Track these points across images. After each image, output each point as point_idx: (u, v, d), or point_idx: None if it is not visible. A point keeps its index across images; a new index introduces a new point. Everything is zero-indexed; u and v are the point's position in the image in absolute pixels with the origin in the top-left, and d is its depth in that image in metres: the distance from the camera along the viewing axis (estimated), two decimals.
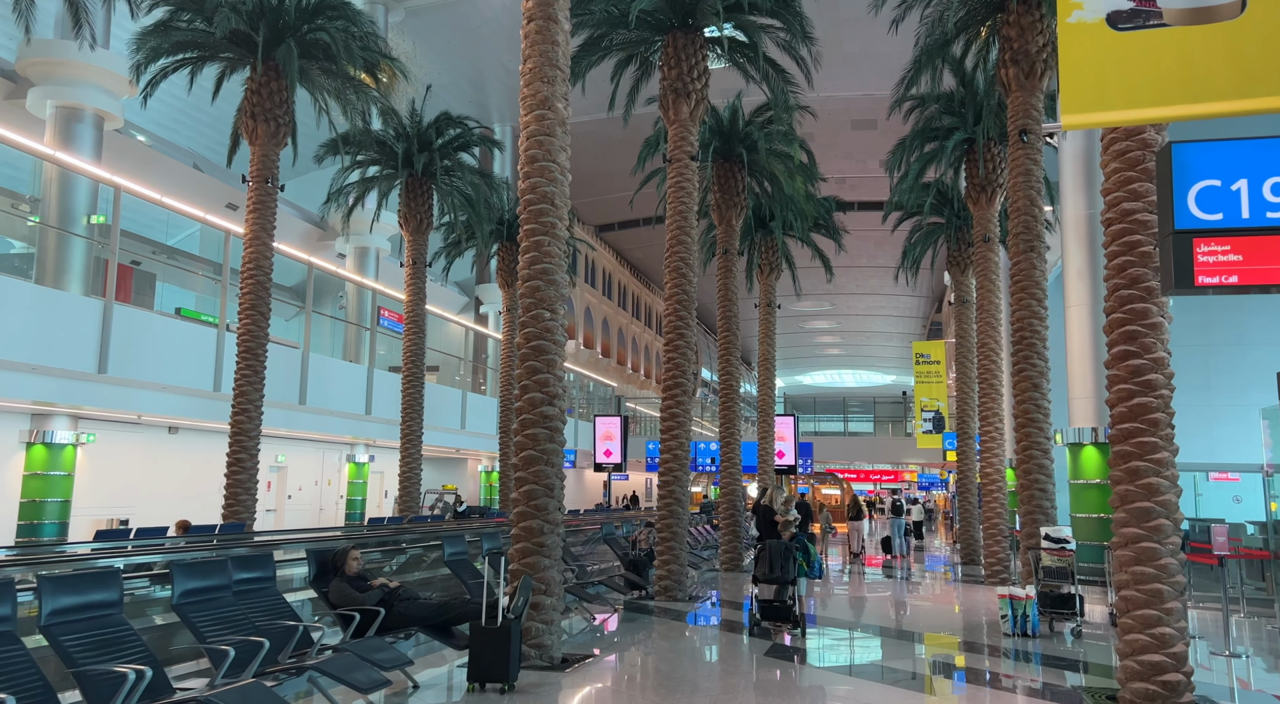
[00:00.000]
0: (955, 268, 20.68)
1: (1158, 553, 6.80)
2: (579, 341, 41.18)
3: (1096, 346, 13.96)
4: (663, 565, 12.57)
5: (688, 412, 13.13)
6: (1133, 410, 7.01)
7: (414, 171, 18.16)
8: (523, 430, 8.19)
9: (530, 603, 7.81)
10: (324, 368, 19.89)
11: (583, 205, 40.23)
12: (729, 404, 17.86)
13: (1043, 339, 11.68)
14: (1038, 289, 11.76)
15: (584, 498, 38.61)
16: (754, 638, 9.48)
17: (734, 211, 17.75)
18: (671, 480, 12.87)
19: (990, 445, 16.17)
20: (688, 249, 13.11)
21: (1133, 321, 7.09)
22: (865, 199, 39.45)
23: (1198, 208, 4.98)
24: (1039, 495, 11.42)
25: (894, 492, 32.83)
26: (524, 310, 8.36)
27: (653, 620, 10.73)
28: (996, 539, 15.69)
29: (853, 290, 53.08)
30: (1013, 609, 9.84)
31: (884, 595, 14.38)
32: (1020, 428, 11.67)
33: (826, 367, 74.98)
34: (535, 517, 7.99)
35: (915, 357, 31.03)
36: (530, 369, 8.24)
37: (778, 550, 9.77)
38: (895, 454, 39.60)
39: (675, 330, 13.17)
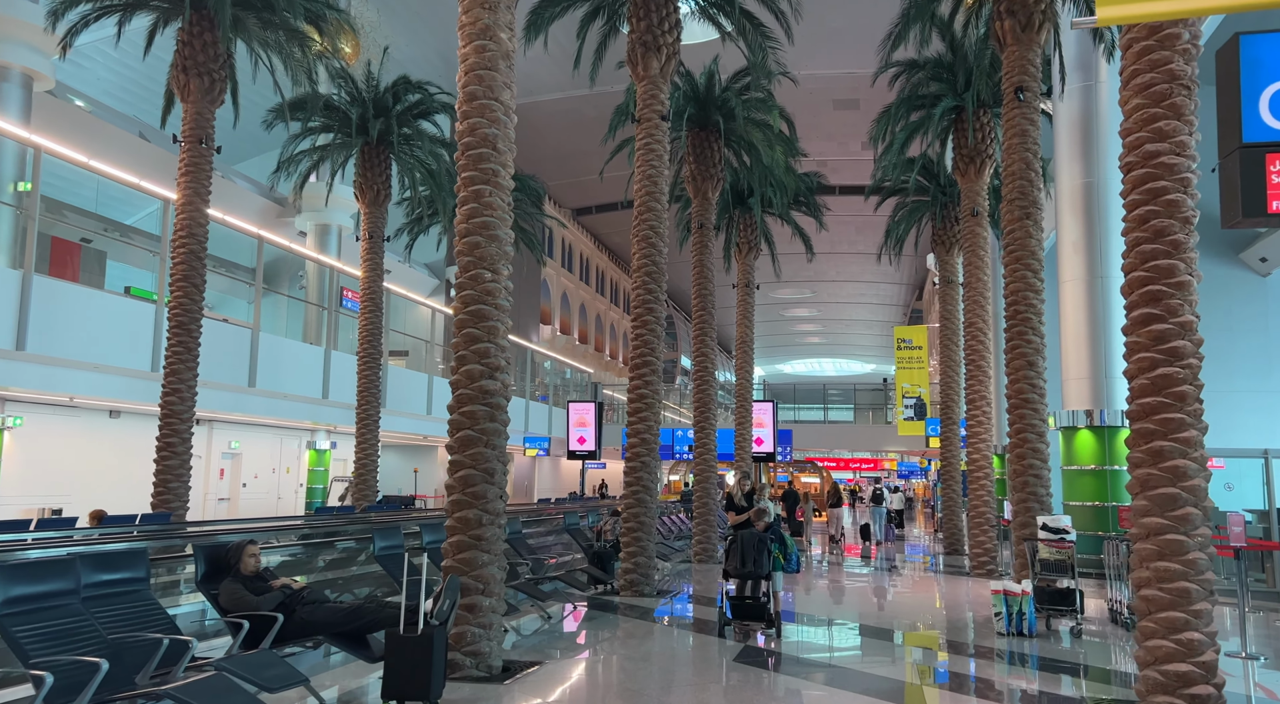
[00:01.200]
0: (940, 247, 19.76)
1: (1184, 546, 5.85)
2: (555, 327, 40.08)
3: (1093, 324, 13.09)
4: (628, 558, 11.57)
5: (657, 393, 12.12)
6: (1156, 383, 6.05)
7: (369, 139, 16.96)
8: (459, 407, 7.14)
9: (465, 604, 6.78)
10: (276, 349, 18.70)
11: (558, 187, 39.04)
12: (704, 387, 16.86)
13: (1038, 313, 10.75)
14: (1033, 259, 10.82)
15: (560, 487, 37.61)
16: (724, 640, 8.50)
17: (710, 184, 16.70)
18: (639, 467, 11.86)
19: (977, 431, 15.28)
20: (657, 216, 12.06)
21: (1156, 280, 6.12)
22: (847, 182, 38.53)
23: (1272, 115, 3.99)
24: (1033, 482, 10.50)
25: (875, 480, 32.10)
26: (462, 270, 7.29)
27: (614, 619, 9.73)
28: (983, 529, 14.81)
29: (833, 277, 52.31)
30: (1007, 606, 8.91)
31: (866, 590, 13.47)
32: (1013, 409, 10.73)
33: (807, 355, 74.39)
34: (473, 506, 6.95)
35: (897, 342, 30.16)
36: (468, 337, 7.18)
37: (750, 542, 8.78)
38: (876, 442, 38.84)
39: (644, 305, 12.14)
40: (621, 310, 49.95)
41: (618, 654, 7.98)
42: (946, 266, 19.69)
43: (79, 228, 19.02)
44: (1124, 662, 8.08)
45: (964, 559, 17.77)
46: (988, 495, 14.97)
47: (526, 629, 9.11)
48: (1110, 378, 12.88)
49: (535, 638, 8.59)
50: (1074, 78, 13.35)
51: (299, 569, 8.54)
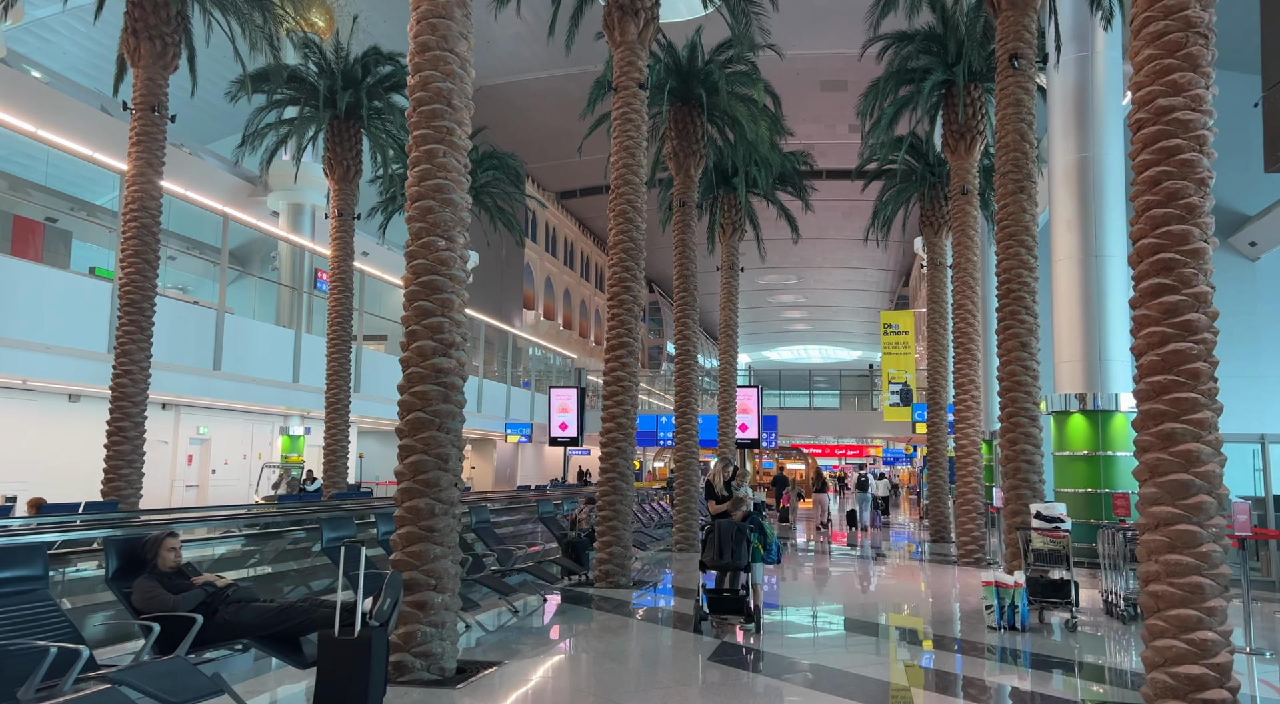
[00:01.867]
0: (929, 228, 19.22)
1: (1197, 538, 5.33)
2: (539, 312, 39.41)
3: (1086, 305, 12.58)
4: (603, 548, 11.01)
5: (634, 376, 11.54)
6: (1167, 359, 5.51)
7: (338, 113, 16.23)
8: (409, 387, 6.53)
9: (416, 601, 6.20)
10: (244, 331, 18.00)
11: (541, 170, 38.28)
12: (685, 371, 16.30)
13: (1032, 292, 10.22)
14: (1027, 235, 10.28)
15: (544, 474, 37.05)
16: (701, 635, 7.96)
17: (692, 161, 16.08)
18: (615, 452, 11.28)
19: (965, 416, 14.80)
20: (634, 190, 11.44)
21: (1169, 248, 5.57)
22: (834, 167, 37.95)
23: None
24: (1026, 468, 10.00)
25: (860, 467, 31.79)
26: (413, 237, 6.67)
27: (586, 613, 9.17)
28: (971, 516, 14.36)
29: (820, 263, 51.80)
30: (999, 599, 8.41)
31: (851, 580, 12.98)
32: (1005, 392, 10.21)
33: (793, 342, 73.97)
34: (424, 494, 6.35)
35: (883, 327, 29.67)
36: (420, 311, 6.56)
37: (728, 532, 8.23)
38: (861, 428, 38.44)
39: (620, 283, 11.54)
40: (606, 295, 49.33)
41: (585, 652, 7.43)
42: (935, 249, 19.16)
43: (43, 206, 18.24)
44: (1122, 658, 7.59)
45: (950, 547, 17.34)
46: (976, 482, 14.51)
47: (491, 624, 8.54)
48: (1104, 360, 12.39)
49: (500, 634, 8.03)
50: (1069, 48, 12.79)
51: (241, 564, 7.94)
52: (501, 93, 31.83)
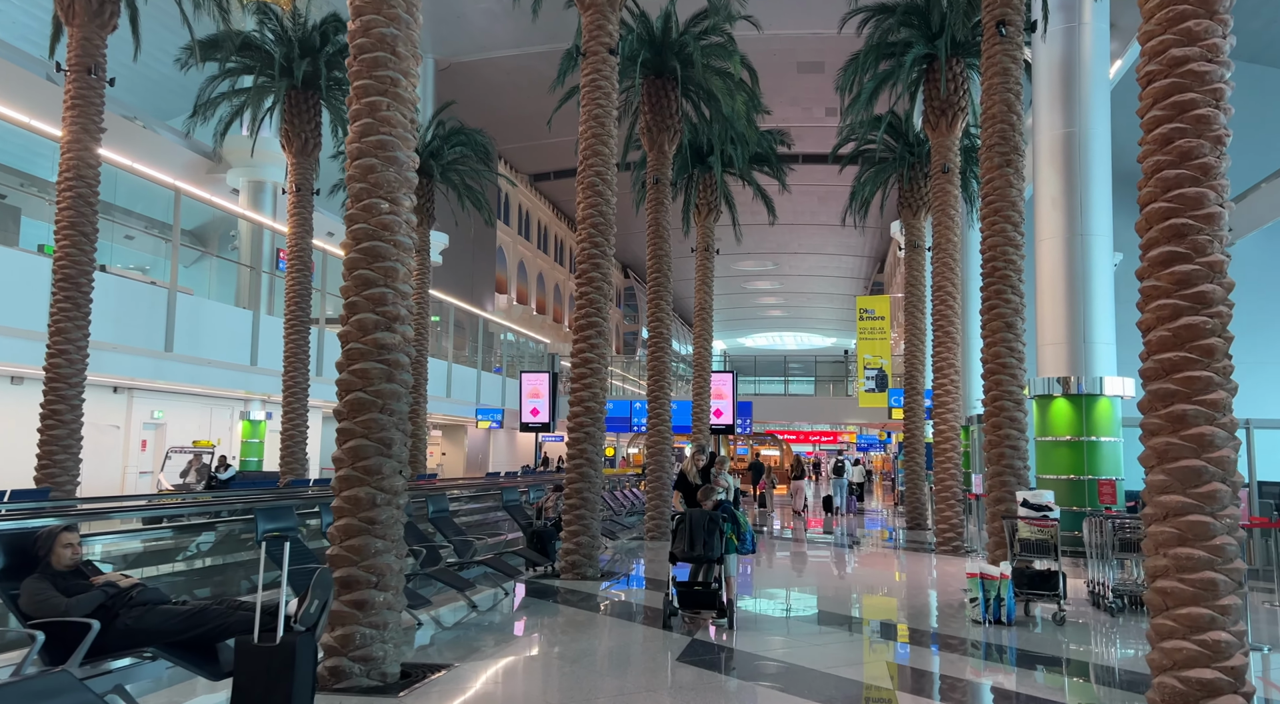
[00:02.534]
0: (907, 210, 18.75)
1: (1209, 529, 4.85)
2: (511, 297, 38.66)
3: (1071, 285, 12.14)
4: (570, 537, 10.45)
5: (604, 357, 10.95)
6: (1178, 335, 5.01)
7: (295, 83, 15.41)
8: (349, 365, 5.90)
9: (354, 600, 5.60)
10: (199, 312, 17.18)
11: (515, 151, 37.44)
12: (659, 354, 15.74)
13: (1018, 270, 9.75)
14: (1013, 211, 9.79)
15: (516, 460, 36.41)
16: (670, 632, 7.43)
17: (667, 136, 15.46)
18: (583, 437, 10.70)
19: (944, 400, 14.37)
20: (604, 162, 10.82)
21: (1181, 212, 5.06)
22: (811, 151, 37.43)
23: None
24: (1010, 454, 9.55)
25: (837, 453, 31.61)
26: (354, 199, 6.02)
27: (550, 607, 8.61)
28: (949, 503, 13.95)
29: (795, 249, 51.44)
30: (984, 591, 7.95)
31: (828, 570, 12.52)
32: (989, 375, 9.75)
33: (768, 328, 73.76)
34: (364, 483, 5.74)
35: (859, 312, 29.27)
36: (361, 281, 5.93)
37: (699, 522, 7.69)
38: (836, 414, 38.16)
39: (589, 260, 10.93)
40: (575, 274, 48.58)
41: (545, 652, 6.86)
42: (913, 231, 18.70)
43: None
44: (1115, 655, 7.15)
45: (927, 534, 16.96)
46: (954, 468, 14.10)
47: (451, 619, 7.96)
48: (1089, 343, 11.96)
49: (456, 631, 7.45)
50: (1056, 19, 12.30)
51: (167, 559, 7.27)
52: (473, 70, 30.93)
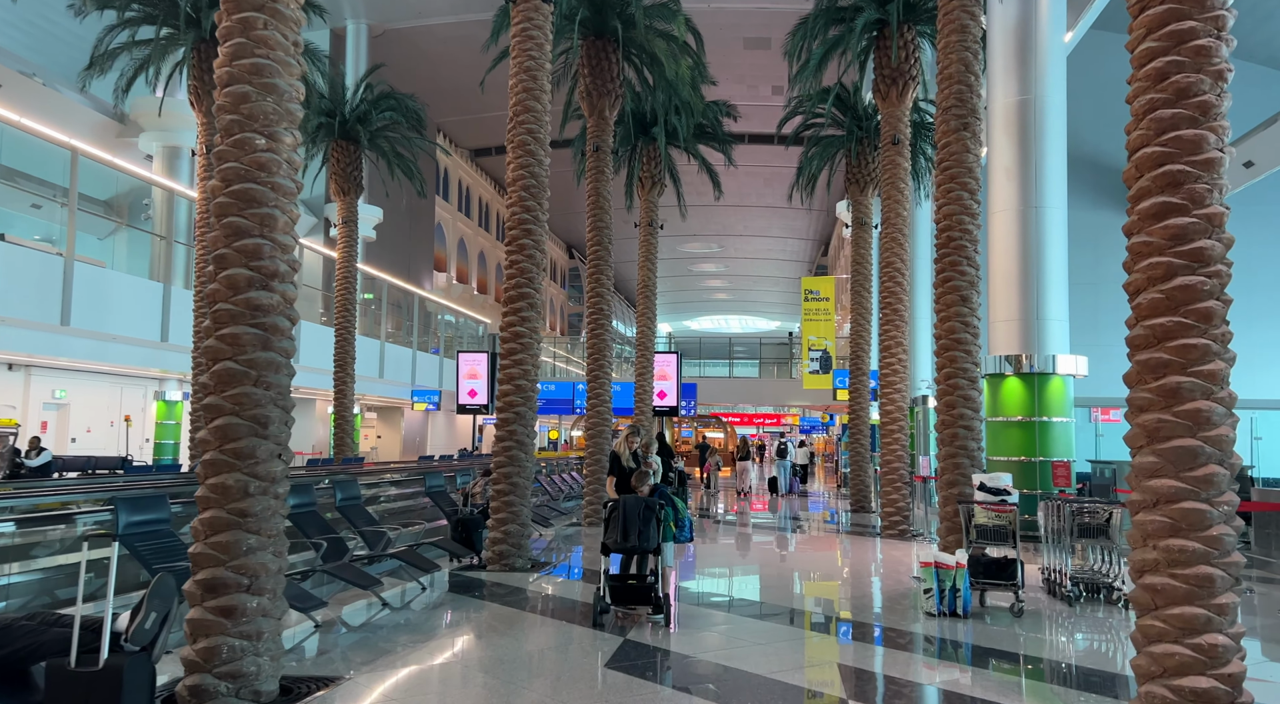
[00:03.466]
0: (854, 186, 18.19)
1: (1206, 518, 4.24)
2: (451, 275, 37.38)
3: (1024, 260, 11.65)
4: (498, 526, 9.62)
5: (536, 332, 10.09)
6: (1172, 297, 4.37)
7: (203, 34, 14.11)
8: (217, 329, 4.97)
9: (223, 607, 4.71)
10: (100, 283, 15.79)
11: (454, 124, 36.08)
12: (599, 332, 14.92)
13: (974, 241, 9.17)
14: (970, 178, 9.19)
15: (456, 444, 35.29)
16: (600, 631, 6.67)
17: (607, 101, 14.57)
18: (513, 418, 9.85)
19: (892, 380, 13.84)
20: (536, 119, 9.92)
21: (1177, 157, 4.42)
22: (757, 131, 36.87)
23: None
24: (964, 434, 8.99)
25: (780, 435, 31.50)
26: (223, 133, 5.06)
27: (471, 604, 7.78)
28: (896, 486, 13.46)
29: (741, 231, 51.02)
30: (939, 581, 7.36)
31: (772, 557, 11.90)
32: (943, 351, 9.16)
33: (714, 312, 73.51)
34: (234, 468, 4.83)
35: (804, 293, 28.81)
36: (231, 230, 4.99)
37: (633, 509, 6.93)
38: (780, 396, 37.82)
39: (520, 226, 10.03)
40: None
41: (456, 657, 6.04)
42: (860, 208, 18.16)
43: None
44: (1079, 650, 6.61)
45: (872, 517, 16.53)
46: (901, 450, 13.60)
47: (356, 620, 7.08)
48: (1042, 319, 11.50)
49: (361, 634, 6.58)
50: None
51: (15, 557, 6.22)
52: (408, 38, 29.50)
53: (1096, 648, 6.70)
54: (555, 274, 53.58)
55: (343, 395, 18.80)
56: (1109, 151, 22.66)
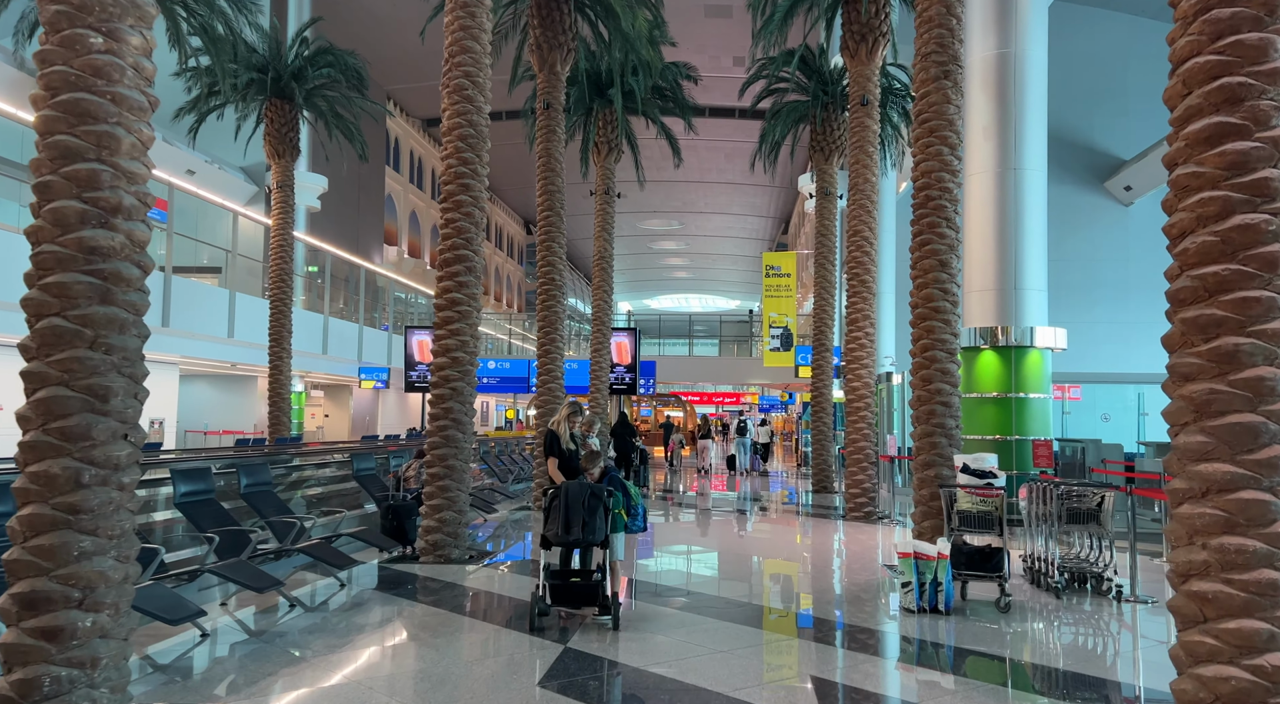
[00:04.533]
0: (819, 154, 17.34)
1: (1270, 512, 3.44)
2: (402, 249, 35.92)
3: (1001, 226, 10.90)
4: (432, 513, 8.64)
5: (474, 298, 9.08)
6: (1229, 240, 3.53)
7: None
8: (40, 277, 3.90)
9: (46, 629, 3.69)
10: (7, 248, 14.31)
11: (406, 92, 34.51)
12: (550, 303, 13.92)
13: (954, 201, 8.35)
14: (950, 131, 8.36)
15: (407, 424, 34.02)
16: (538, 637, 5.76)
17: (559, 54, 13.48)
18: (448, 394, 8.86)
19: (858, 356, 13.07)
20: (475, 61, 8.84)
21: (1237, 68, 3.58)
22: (718, 103, 35.91)
23: None
24: (941, 411, 8.21)
25: (739, 414, 30.98)
26: (49, 30, 3.97)
27: (393, 605, 6.81)
28: (861, 466, 12.73)
29: (701, 208, 50.16)
30: (918, 574, 6.57)
31: (732, 543, 11.09)
32: (920, 321, 8.35)
33: (674, 290, 72.82)
34: (63, 452, 3.79)
35: (765, 269, 28.02)
36: (59, 151, 3.91)
37: (577, 497, 6.00)
38: (740, 375, 37.12)
39: (458, 180, 8.99)
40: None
41: (362, 675, 5.08)
42: (825, 177, 17.32)
43: None
44: (1078, 652, 5.86)
45: (834, 498, 15.85)
46: (867, 429, 12.87)
47: (260, 623, 6.09)
48: (1020, 289, 10.77)
49: (254, 645, 5.58)
50: None
51: None
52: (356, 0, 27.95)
53: (1096, 649, 5.96)
54: (513, 251, 52.23)
55: (278, 371, 17.58)
56: (1073, 124, 22.14)
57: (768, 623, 6.47)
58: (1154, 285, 17.20)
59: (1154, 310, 17.27)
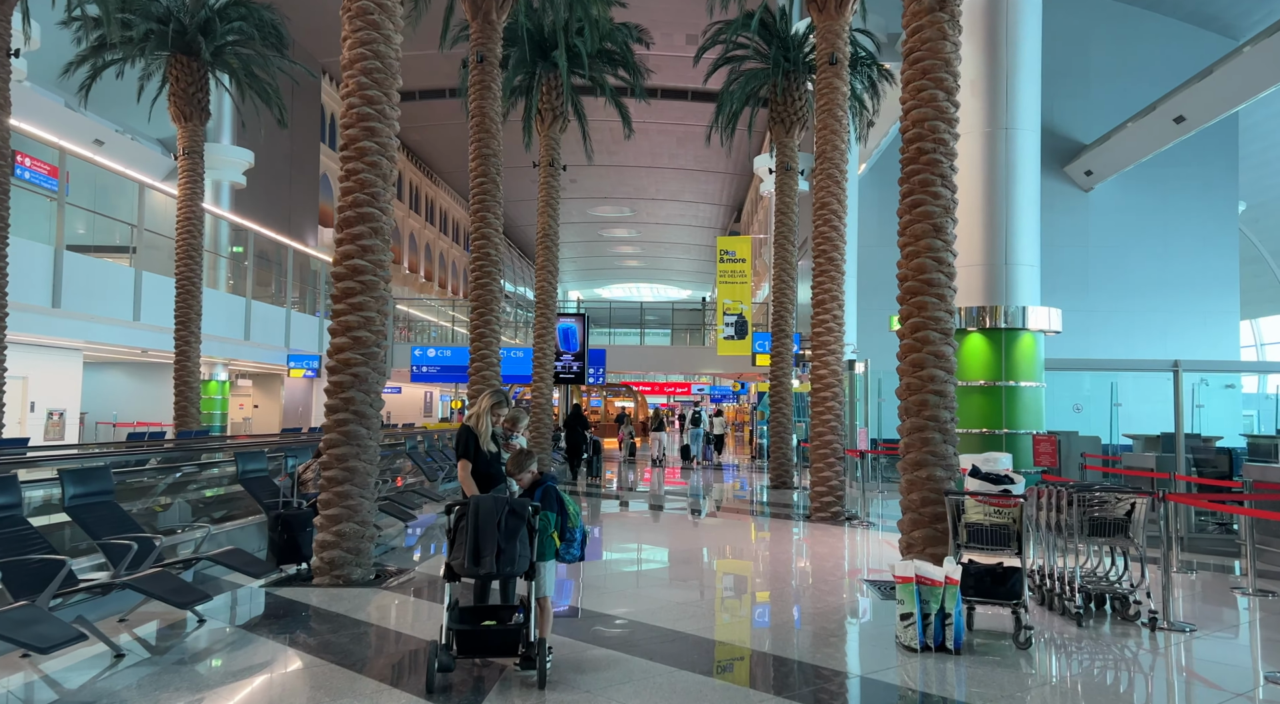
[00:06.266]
0: (779, 126, 16.00)
1: None
2: (335, 231, 33.73)
3: (991, 191, 9.64)
4: (328, 525, 7.06)
5: (381, 265, 7.51)
6: None
7: None
8: None
9: None
10: None
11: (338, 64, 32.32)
12: (484, 281, 12.34)
13: (950, 155, 7.01)
14: (947, 72, 7.02)
15: None
16: (438, 701, 4.27)
17: (493, 2, 11.86)
18: (349, 381, 7.27)
19: (825, 340, 11.77)
20: None
21: None
22: (670, 84, 34.46)
23: None
24: (935, 402, 6.88)
25: (694, 404, 30.06)
26: None
27: (259, 652, 5.22)
28: (829, 462, 11.44)
29: (653, 195, 48.76)
30: (922, 603, 5.22)
31: (688, 553, 9.69)
32: (910, 295, 7.01)
33: (626, 279, 71.54)
34: None
35: (719, 254, 26.65)
36: None
37: (490, 515, 4.48)
38: (693, 364, 35.82)
39: (360, 123, 7.38)
40: (424, 219, 43.95)
41: None
42: (785, 151, 16.00)
43: None
44: None
45: (793, 494, 14.60)
46: (835, 420, 11.58)
47: (73, 682, 4.49)
48: (1011, 264, 9.53)
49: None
50: None
51: None
52: None
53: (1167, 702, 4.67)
54: (458, 235, 50.29)
55: (185, 357, 15.67)
56: None
57: (736, 673, 5.06)
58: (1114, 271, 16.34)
59: (1114, 297, 16.45)
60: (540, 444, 16.19)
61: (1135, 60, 22.60)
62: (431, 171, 43.70)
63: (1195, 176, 22.74)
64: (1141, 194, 22.89)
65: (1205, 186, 22.92)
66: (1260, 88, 16.28)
